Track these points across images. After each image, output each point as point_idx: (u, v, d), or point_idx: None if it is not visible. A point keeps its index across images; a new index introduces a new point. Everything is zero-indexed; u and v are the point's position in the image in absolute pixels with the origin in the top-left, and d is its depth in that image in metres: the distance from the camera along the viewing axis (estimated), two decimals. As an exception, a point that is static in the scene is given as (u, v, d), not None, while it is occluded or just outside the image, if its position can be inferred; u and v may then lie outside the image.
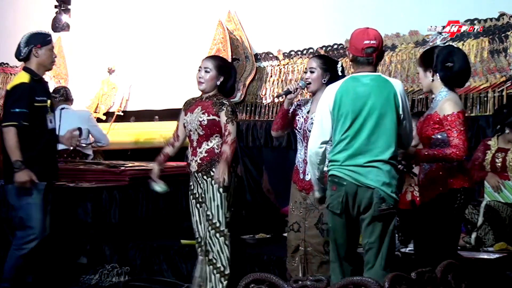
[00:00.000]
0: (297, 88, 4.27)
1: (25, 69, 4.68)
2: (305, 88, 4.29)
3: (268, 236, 5.61)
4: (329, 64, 4.29)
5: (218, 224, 4.40)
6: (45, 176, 4.59)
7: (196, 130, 4.45)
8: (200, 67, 4.51)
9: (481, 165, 5.07)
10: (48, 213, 4.67)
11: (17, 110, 4.48)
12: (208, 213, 4.41)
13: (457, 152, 3.54)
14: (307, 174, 4.16)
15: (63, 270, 5.22)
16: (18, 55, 4.66)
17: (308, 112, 4.27)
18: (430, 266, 2.94)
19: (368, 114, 3.51)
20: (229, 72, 4.57)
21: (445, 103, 3.64)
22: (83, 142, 6.70)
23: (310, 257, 4.20)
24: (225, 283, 4.40)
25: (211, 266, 4.41)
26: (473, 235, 4.75)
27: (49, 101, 4.66)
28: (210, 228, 4.40)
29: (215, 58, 4.71)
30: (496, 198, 4.91)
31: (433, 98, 3.80)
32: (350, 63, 3.87)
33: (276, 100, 6.64)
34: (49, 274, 4.80)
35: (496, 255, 4.43)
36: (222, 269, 4.39)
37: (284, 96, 4.31)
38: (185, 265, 5.27)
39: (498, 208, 4.80)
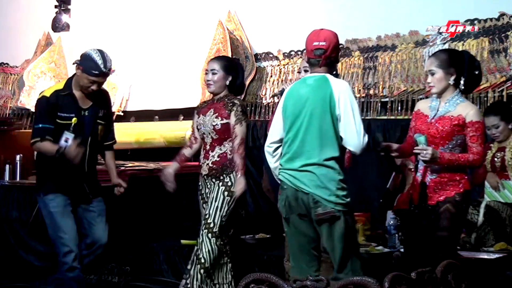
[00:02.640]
0: None
1: (69, 78, 4.51)
2: None
3: (268, 236, 5.61)
4: None
5: (212, 225, 4.40)
6: (65, 191, 4.40)
7: (209, 133, 4.47)
8: (206, 70, 4.55)
9: (484, 166, 5.06)
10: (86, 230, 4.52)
11: (40, 125, 4.33)
12: (206, 212, 4.42)
13: (479, 159, 3.66)
14: None
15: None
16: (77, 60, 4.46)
17: None
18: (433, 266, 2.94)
19: (305, 116, 3.50)
20: (236, 70, 4.58)
21: (472, 109, 3.71)
22: None
23: None
24: (209, 280, 4.42)
25: (198, 266, 4.40)
26: (473, 235, 4.75)
27: (74, 119, 4.34)
28: (204, 227, 4.41)
29: (220, 58, 4.71)
30: (496, 198, 4.90)
31: (433, 98, 3.82)
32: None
33: (270, 99, 6.64)
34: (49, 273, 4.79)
35: (496, 255, 4.43)
36: (207, 267, 4.39)
37: (279, 95, 4.34)
38: (185, 265, 5.26)
39: (498, 208, 4.80)
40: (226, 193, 4.42)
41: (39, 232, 5.51)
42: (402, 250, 4.50)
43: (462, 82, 3.74)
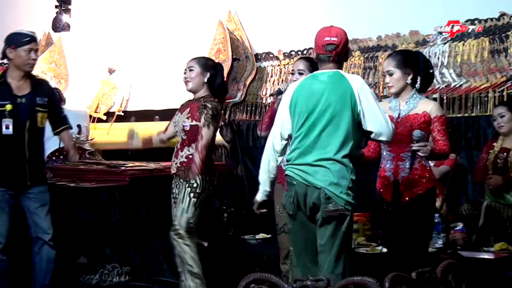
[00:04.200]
0: (286, 89, 4.30)
1: (4, 70, 4.61)
2: None
3: (268, 236, 5.61)
4: (315, 66, 4.34)
5: (177, 227, 4.42)
6: (4, 182, 4.43)
7: (180, 133, 4.49)
8: (185, 69, 4.55)
9: (485, 166, 5.07)
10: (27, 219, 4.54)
11: None
12: (174, 213, 4.45)
13: (448, 149, 3.79)
14: None
15: (63, 270, 5.22)
16: (1, 54, 4.58)
17: None
18: (409, 264, 2.95)
19: (321, 111, 3.46)
20: (215, 68, 4.56)
21: (434, 105, 3.86)
22: (82, 138, 6.80)
23: None
24: (197, 281, 4.43)
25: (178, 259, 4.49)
26: (474, 236, 4.75)
27: (8, 106, 4.42)
28: (172, 228, 4.45)
29: (199, 57, 4.70)
30: (497, 199, 4.90)
31: (391, 99, 3.94)
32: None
33: (270, 99, 6.64)
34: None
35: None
36: (189, 268, 4.43)
37: (275, 96, 4.32)
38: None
39: (498, 209, 4.80)
40: (192, 194, 4.40)
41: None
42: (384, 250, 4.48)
43: (418, 81, 3.85)
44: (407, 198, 3.80)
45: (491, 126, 5.30)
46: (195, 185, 4.40)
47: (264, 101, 6.80)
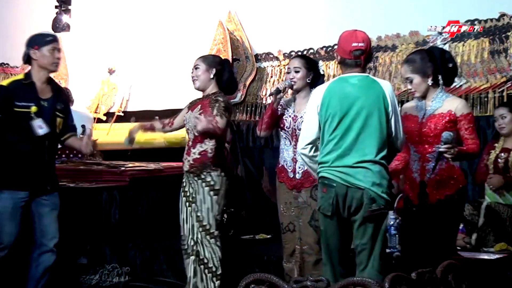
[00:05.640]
0: (285, 88, 4.31)
1: (28, 71, 4.54)
2: (291, 88, 4.33)
3: (268, 236, 5.61)
4: (311, 63, 4.40)
5: (208, 227, 4.41)
6: (24, 185, 4.37)
7: (192, 129, 4.47)
8: (192, 68, 4.57)
9: (486, 166, 5.07)
10: (42, 222, 4.48)
11: None
12: (199, 214, 4.42)
13: (479, 148, 3.81)
14: (298, 173, 4.23)
15: (63, 270, 5.22)
16: (22, 58, 4.52)
17: (293, 111, 4.30)
18: (435, 265, 2.95)
19: (355, 114, 3.52)
20: (222, 64, 4.57)
21: (460, 103, 3.85)
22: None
23: (306, 255, 4.22)
24: (217, 283, 4.42)
25: (202, 266, 4.42)
26: (474, 236, 4.76)
27: (33, 107, 4.35)
28: (201, 229, 4.42)
29: (205, 55, 4.73)
30: (497, 199, 4.90)
31: (415, 98, 3.93)
32: (338, 65, 3.90)
33: (269, 99, 6.63)
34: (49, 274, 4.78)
35: (497, 256, 4.44)
36: (214, 269, 4.41)
37: (274, 95, 4.32)
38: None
39: (498, 209, 4.80)
40: (211, 193, 4.41)
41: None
42: (398, 251, 4.49)
43: (440, 78, 3.85)
44: (434, 200, 3.80)
45: (491, 127, 5.30)
46: (212, 182, 4.41)
47: (264, 102, 6.80)
